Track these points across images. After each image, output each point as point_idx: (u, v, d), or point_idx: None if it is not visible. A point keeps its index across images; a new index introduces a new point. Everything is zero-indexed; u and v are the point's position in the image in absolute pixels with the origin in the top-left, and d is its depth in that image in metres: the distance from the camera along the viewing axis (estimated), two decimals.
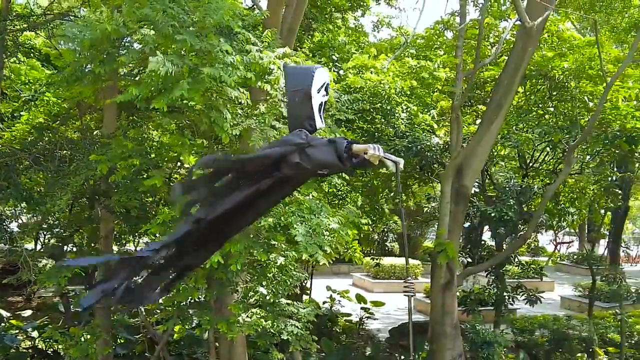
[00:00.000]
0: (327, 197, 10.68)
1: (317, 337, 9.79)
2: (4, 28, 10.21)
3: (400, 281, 22.61)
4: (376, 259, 19.95)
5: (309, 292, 16.11)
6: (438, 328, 12.41)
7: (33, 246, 11.84)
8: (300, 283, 12.99)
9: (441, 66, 13.08)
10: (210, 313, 8.38)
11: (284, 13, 9.56)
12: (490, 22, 14.28)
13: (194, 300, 8.81)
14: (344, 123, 11.12)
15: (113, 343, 10.29)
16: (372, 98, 12.14)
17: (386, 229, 21.33)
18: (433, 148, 13.26)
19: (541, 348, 15.04)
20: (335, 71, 12.82)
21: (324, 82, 3.80)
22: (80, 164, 8.38)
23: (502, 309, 14.91)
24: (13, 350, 11.90)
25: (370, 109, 12.25)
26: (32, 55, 13.11)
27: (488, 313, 15.66)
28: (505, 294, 14.57)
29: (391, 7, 15.91)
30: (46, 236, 11.99)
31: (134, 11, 6.68)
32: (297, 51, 9.64)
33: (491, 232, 15.54)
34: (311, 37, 14.60)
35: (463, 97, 12.52)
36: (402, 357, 14.27)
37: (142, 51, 6.73)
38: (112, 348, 10.06)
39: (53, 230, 10.68)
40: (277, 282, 8.34)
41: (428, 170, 13.85)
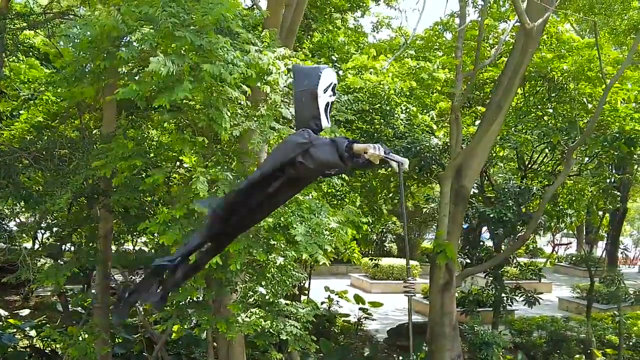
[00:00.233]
0: (326, 198, 10.68)
1: (315, 338, 9.77)
2: (4, 27, 10.19)
3: (398, 282, 22.67)
4: (374, 260, 19.97)
5: (307, 293, 16.10)
6: (437, 329, 12.41)
7: (31, 245, 11.80)
8: (298, 283, 13.01)
9: (440, 67, 13.09)
10: (209, 313, 8.37)
11: (284, 13, 9.56)
12: (489, 24, 14.30)
13: (193, 300, 8.81)
14: (344, 123, 11.12)
15: (111, 342, 10.27)
16: (372, 99, 12.15)
17: (385, 230, 21.32)
18: (432, 149, 13.27)
19: (539, 349, 15.07)
20: (334, 71, 12.80)
21: (331, 83, 3.83)
22: (80, 163, 8.36)
23: (501, 310, 14.92)
24: (11, 349, 11.89)
25: (369, 110, 12.25)
26: (31, 54, 13.09)
27: (486, 314, 15.68)
28: (503, 295, 14.58)
29: (391, 8, 15.93)
30: (44, 235, 11.96)
31: (133, 10, 6.68)
32: (297, 51, 9.65)
33: (490, 233, 15.55)
34: (311, 38, 14.60)
35: (462, 98, 12.52)
36: (401, 358, 14.28)
37: (142, 49, 6.71)
38: (111, 347, 10.04)
39: (52, 229, 10.66)
40: (277, 282, 8.33)
41: (427, 171, 13.84)
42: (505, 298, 14.65)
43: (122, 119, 9.83)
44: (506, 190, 14.07)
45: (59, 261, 10.47)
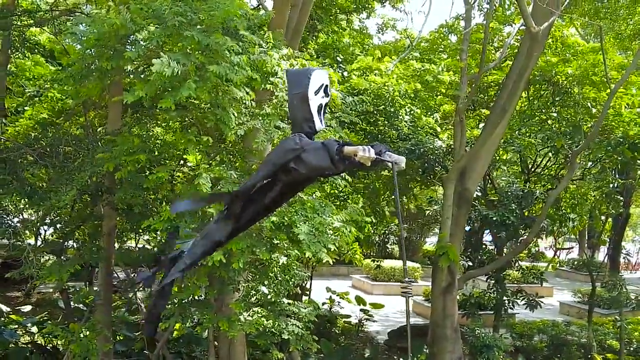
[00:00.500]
0: (329, 198, 10.69)
1: (317, 338, 9.77)
2: (11, 24, 10.23)
3: (399, 284, 22.50)
4: (376, 261, 19.98)
5: (309, 293, 16.11)
6: (439, 331, 12.41)
7: (33, 242, 11.82)
8: (300, 283, 13.01)
9: (445, 70, 13.12)
10: (211, 311, 8.38)
11: (290, 13, 9.57)
12: (495, 27, 14.30)
13: (195, 298, 8.82)
14: (348, 125, 11.14)
15: (113, 340, 10.28)
16: (376, 100, 12.18)
17: (387, 232, 21.32)
18: (436, 151, 13.28)
19: (540, 353, 15.06)
20: (339, 72, 12.84)
21: (322, 84, 3.81)
22: (84, 161, 8.39)
23: (502, 314, 14.92)
24: (12, 345, 11.91)
25: (374, 111, 12.29)
26: (37, 51, 13.14)
27: (487, 317, 15.68)
28: (505, 299, 14.58)
29: (396, 10, 15.90)
30: (47, 232, 11.99)
31: (141, 7, 6.70)
32: (302, 52, 9.66)
33: (492, 236, 15.55)
34: (316, 38, 14.62)
35: (467, 101, 12.52)
36: (401, 359, 14.29)
37: (148, 48, 6.73)
38: (112, 345, 10.06)
39: (55, 225, 10.68)
40: (279, 282, 8.33)
41: (430, 173, 13.86)
42: (506, 301, 14.65)
43: (128, 117, 9.86)
44: (509, 193, 14.07)
45: (62, 258, 10.49)
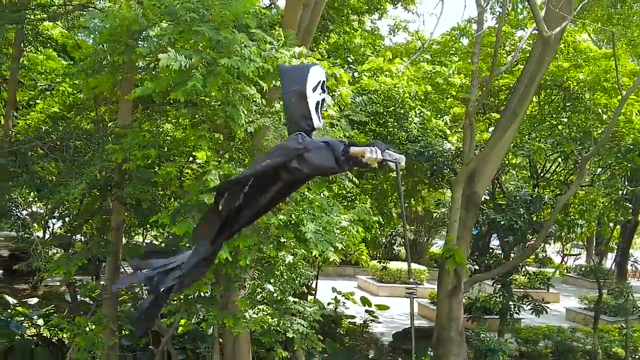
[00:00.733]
0: (337, 198, 10.69)
1: (322, 338, 9.77)
2: (24, 18, 10.28)
3: (405, 286, 22.56)
4: (383, 263, 19.95)
5: (314, 293, 16.11)
6: (444, 334, 12.40)
7: (42, 234, 11.89)
8: (306, 282, 13.02)
9: (456, 72, 13.09)
10: (216, 308, 8.40)
11: (302, 13, 9.58)
12: (507, 31, 14.26)
13: (201, 294, 8.84)
14: (357, 125, 11.14)
15: (118, 334, 10.32)
16: (386, 101, 12.17)
17: (394, 233, 21.30)
18: (445, 154, 13.25)
19: (545, 359, 15.00)
20: (350, 73, 12.84)
21: (320, 80, 3.73)
22: (95, 155, 8.43)
23: (507, 318, 14.87)
24: (18, 337, 11.97)
25: (383, 112, 12.27)
26: (49, 45, 13.21)
27: (493, 321, 15.62)
28: (511, 303, 14.53)
29: (408, 12, 15.88)
30: (55, 225, 12.06)
31: (154, 4, 6.73)
32: (313, 52, 9.67)
33: (499, 241, 15.51)
34: (327, 39, 14.62)
35: (477, 104, 12.50)
36: None
37: (160, 44, 6.75)
38: (118, 339, 10.10)
39: (64, 219, 10.73)
40: (285, 280, 8.34)
41: (439, 175, 13.82)
42: (512, 306, 14.60)
43: (138, 113, 9.90)
44: (518, 198, 14.02)
45: (70, 251, 10.54)
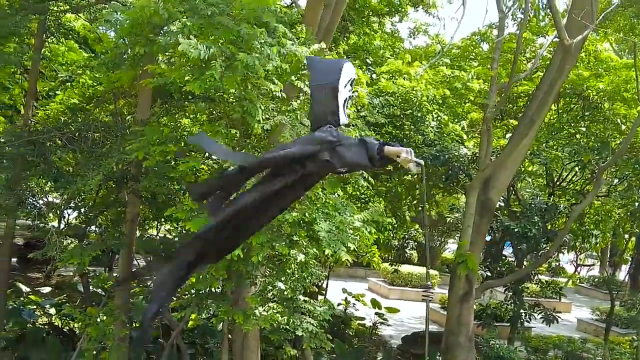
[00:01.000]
0: (351, 199, 10.70)
1: (330, 337, 9.77)
2: (47, 9, 10.37)
3: (416, 289, 22.62)
4: (394, 266, 19.92)
5: (325, 293, 16.13)
6: (453, 339, 12.35)
7: (57, 224, 12.00)
8: (317, 282, 13.03)
9: (475, 77, 13.03)
10: (227, 304, 8.44)
11: (322, 13, 9.60)
12: (528, 37, 14.19)
13: (212, 290, 8.88)
14: (373, 126, 11.12)
15: (129, 326, 10.40)
16: (404, 104, 12.14)
17: (406, 236, 21.23)
18: (461, 158, 13.20)
19: None
20: (368, 74, 12.84)
21: (351, 77, 3.70)
22: (112, 147, 8.50)
23: (518, 326, 14.78)
24: (30, 325, 12.10)
25: (400, 115, 12.24)
26: (71, 37, 13.32)
27: (503, 329, 15.56)
28: (522, 311, 14.45)
29: (429, 15, 15.87)
30: (71, 215, 12.16)
31: None
32: (332, 51, 9.68)
33: (512, 248, 15.42)
34: (347, 39, 14.61)
35: (495, 110, 12.45)
36: None
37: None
38: (129, 331, 10.17)
39: (80, 210, 10.82)
40: (296, 279, 8.36)
41: (454, 180, 13.77)
42: (523, 314, 14.51)
43: (157, 107, 9.95)
44: (532, 205, 13.94)
45: (84, 242, 10.63)
